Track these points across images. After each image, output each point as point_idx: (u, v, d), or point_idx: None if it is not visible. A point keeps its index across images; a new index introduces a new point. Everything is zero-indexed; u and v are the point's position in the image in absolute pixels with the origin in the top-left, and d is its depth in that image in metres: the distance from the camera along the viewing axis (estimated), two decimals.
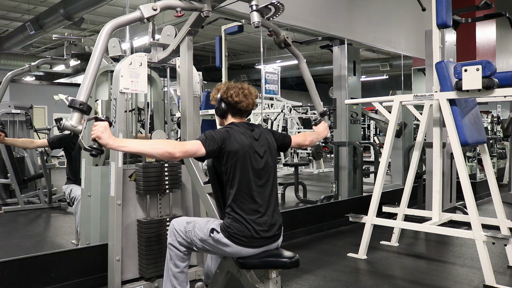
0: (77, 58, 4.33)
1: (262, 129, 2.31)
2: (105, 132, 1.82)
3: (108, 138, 1.82)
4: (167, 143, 1.97)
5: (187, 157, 2.08)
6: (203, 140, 2.04)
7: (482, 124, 3.65)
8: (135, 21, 2.13)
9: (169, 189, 2.90)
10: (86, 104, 1.89)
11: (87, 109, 1.89)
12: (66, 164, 4.05)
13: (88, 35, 11.02)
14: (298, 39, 6.16)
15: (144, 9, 2.11)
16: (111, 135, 1.84)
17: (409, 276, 3.29)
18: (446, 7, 3.41)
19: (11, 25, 11.19)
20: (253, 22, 2.36)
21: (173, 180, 2.93)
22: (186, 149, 1.97)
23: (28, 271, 2.63)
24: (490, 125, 10.33)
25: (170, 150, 1.91)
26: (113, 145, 1.85)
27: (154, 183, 2.83)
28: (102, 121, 1.83)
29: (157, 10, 2.13)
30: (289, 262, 2.09)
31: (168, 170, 2.90)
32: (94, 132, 1.82)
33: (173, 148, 1.92)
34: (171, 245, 2.29)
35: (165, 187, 2.88)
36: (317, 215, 4.57)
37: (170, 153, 1.91)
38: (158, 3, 2.17)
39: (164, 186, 2.88)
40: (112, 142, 1.84)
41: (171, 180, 2.91)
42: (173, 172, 2.93)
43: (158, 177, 2.86)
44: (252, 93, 2.27)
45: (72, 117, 1.87)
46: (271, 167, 2.26)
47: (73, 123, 1.87)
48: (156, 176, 2.85)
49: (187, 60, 2.65)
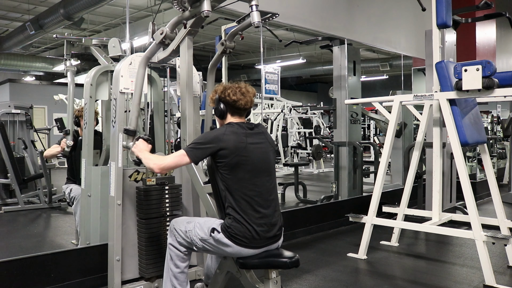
0: (77, 58, 4.32)
1: (263, 129, 2.31)
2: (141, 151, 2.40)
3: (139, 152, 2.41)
4: (154, 159, 2.28)
5: (168, 170, 2.36)
6: (187, 150, 2.17)
7: (482, 124, 3.65)
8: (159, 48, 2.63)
9: (170, 211, 2.89)
10: (135, 130, 2.61)
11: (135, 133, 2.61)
12: (66, 164, 4.05)
13: (88, 35, 11.03)
14: (298, 39, 6.16)
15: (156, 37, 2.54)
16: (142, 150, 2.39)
17: (409, 276, 3.29)
18: (446, 7, 3.41)
19: (11, 25, 11.19)
20: (253, 22, 2.36)
21: (174, 203, 2.91)
22: (163, 165, 2.20)
23: (28, 271, 2.62)
24: (490, 125, 10.32)
25: (151, 165, 2.24)
26: (140, 157, 2.40)
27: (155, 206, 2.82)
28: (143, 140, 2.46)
29: (163, 33, 2.52)
30: (289, 262, 2.10)
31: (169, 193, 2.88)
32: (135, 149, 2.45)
33: (153, 163, 2.22)
34: (171, 245, 2.29)
35: (165, 210, 2.86)
36: (317, 215, 4.57)
37: (151, 169, 2.25)
38: (164, 27, 2.52)
39: (165, 209, 2.86)
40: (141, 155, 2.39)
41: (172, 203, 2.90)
42: (173, 194, 2.91)
43: (159, 199, 2.83)
44: (249, 91, 2.27)
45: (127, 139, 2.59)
46: (271, 167, 2.26)
47: (128, 144, 2.57)
48: (157, 199, 2.83)
49: (187, 60, 2.65)
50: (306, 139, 11.54)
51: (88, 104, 3.32)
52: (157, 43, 2.55)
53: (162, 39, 2.53)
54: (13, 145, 6.24)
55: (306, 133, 11.73)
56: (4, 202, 5.95)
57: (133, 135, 2.58)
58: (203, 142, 2.16)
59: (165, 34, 2.52)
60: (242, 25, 2.70)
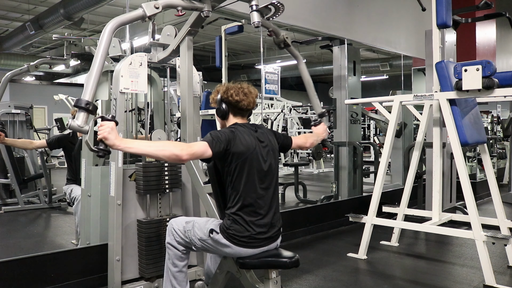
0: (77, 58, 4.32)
1: (265, 130, 2.31)
2: (112, 132, 1.77)
3: (115, 139, 1.78)
4: (174, 145, 1.93)
5: (194, 159, 2.03)
6: (209, 141, 2.00)
7: (482, 124, 3.65)
8: (137, 19, 2.12)
9: (169, 188, 2.90)
10: (92, 103, 1.83)
11: (93, 108, 1.83)
12: (66, 164, 4.06)
13: (88, 35, 11.02)
14: (298, 39, 6.16)
15: (146, 7, 2.11)
16: (118, 136, 1.80)
17: (409, 276, 3.29)
18: (446, 7, 3.41)
19: (11, 25, 11.19)
20: (253, 22, 2.36)
21: (173, 179, 2.93)
22: (193, 151, 1.93)
23: (28, 271, 2.62)
24: (490, 125, 10.32)
25: (177, 152, 1.87)
26: (120, 146, 1.80)
27: (154, 183, 2.83)
28: (108, 120, 1.78)
29: (159, 8, 2.13)
30: (289, 262, 2.09)
31: (168, 169, 2.90)
32: (101, 132, 1.77)
33: (180, 150, 1.89)
34: (170, 245, 2.29)
35: (165, 187, 2.88)
36: (317, 215, 4.57)
37: (177, 155, 1.87)
38: (160, 2, 2.16)
39: (164, 185, 2.88)
40: (119, 143, 1.79)
41: (171, 179, 2.91)
42: (173, 171, 2.93)
43: (158, 176, 2.86)
44: (252, 92, 2.26)
45: (78, 117, 1.81)
46: (274, 169, 2.25)
47: (79, 123, 1.80)
48: (156, 176, 2.85)
49: (187, 60, 2.65)
50: None
51: None
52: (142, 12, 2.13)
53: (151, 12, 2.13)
54: None
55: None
56: (4, 202, 5.94)
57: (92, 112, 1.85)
58: (222, 139, 2.05)
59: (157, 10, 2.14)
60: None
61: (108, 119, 1.79)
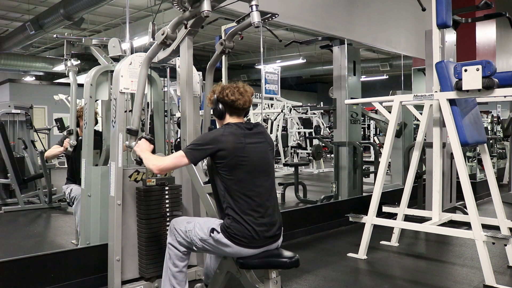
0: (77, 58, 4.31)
1: (262, 129, 2.31)
2: (138, 147, 2.48)
3: (140, 152, 2.45)
4: (154, 159, 2.29)
5: (165, 172, 2.32)
6: (186, 151, 2.17)
7: (482, 124, 3.65)
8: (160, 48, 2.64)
9: (170, 212, 2.89)
10: (138, 130, 2.65)
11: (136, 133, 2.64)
12: (66, 164, 4.05)
13: (88, 35, 11.03)
14: (298, 39, 6.16)
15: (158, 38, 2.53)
16: (143, 150, 2.42)
17: (409, 276, 3.29)
18: (446, 7, 3.41)
19: (11, 25, 11.19)
20: (253, 22, 2.36)
21: (174, 203, 2.91)
22: (162, 166, 2.20)
23: (28, 271, 2.62)
24: (490, 125, 10.31)
25: (150, 166, 2.25)
26: (141, 156, 2.43)
27: (155, 207, 2.81)
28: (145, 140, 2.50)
29: (164, 34, 2.50)
30: (289, 262, 2.10)
31: (169, 193, 2.88)
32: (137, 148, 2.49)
33: (152, 165, 2.23)
34: (171, 245, 2.29)
35: (165, 211, 2.86)
36: (317, 215, 4.57)
37: (151, 169, 2.26)
38: (165, 28, 2.51)
39: (165, 210, 2.86)
40: (143, 155, 2.41)
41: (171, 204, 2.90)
42: (173, 195, 2.91)
43: (159, 200, 2.83)
44: (247, 91, 2.27)
45: (130, 139, 2.63)
46: (270, 167, 2.26)
47: (131, 144, 2.61)
48: (157, 200, 2.82)
49: (187, 60, 2.65)
50: (306, 139, 11.54)
51: (88, 104, 3.32)
52: (159, 43, 2.55)
53: (163, 40, 2.53)
54: (13, 145, 6.24)
55: (306, 133, 11.73)
56: (4, 202, 5.95)
57: (136, 135, 2.63)
58: (202, 143, 2.16)
59: (167, 35, 2.51)
60: (242, 25, 2.70)
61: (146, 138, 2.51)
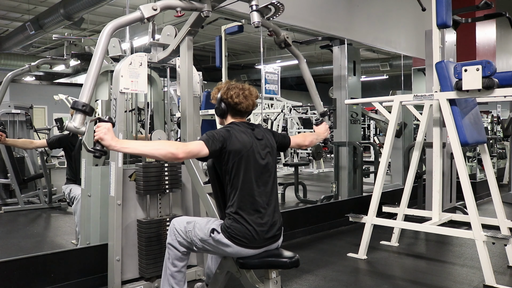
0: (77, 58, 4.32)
1: (262, 129, 2.32)
2: (108, 133, 1.81)
3: (111, 140, 1.81)
4: (170, 144, 1.96)
5: (190, 157, 2.06)
6: (205, 140, 2.03)
7: (482, 124, 3.65)
8: (136, 21, 2.12)
9: (169, 188, 2.90)
10: (88, 105, 1.86)
11: (90, 110, 1.86)
12: (66, 164, 4.06)
13: (88, 35, 11.02)
14: (298, 39, 6.16)
15: (144, 9, 2.11)
16: (114, 137, 1.84)
17: (409, 276, 3.29)
18: (446, 7, 3.41)
19: (11, 25, 11.18)
20: (253, 22, 2.36)
21: (173, 179, 2.93)
22: (189, 149, 1.96)
23: (28, 271, 2.62)
24: (490, 125, 10.32)
25: (173, 151, 1.90)
26: (116, 147, 1.83)
27: (154, 183, 2.83)
28: (105, 122, 1.83)
29: (157, 10, 2.13)
30: (289, 262, 2.09)
31: (168, 170, 2.90)
32: (97, 133, 1.81)
33: (175, 149, 1.91)
34: (171, 245, 2.29)
35: (165, 187, 2.88)
36: (317, 215, 4.57)
37: (173, 154, 1.90)
38: (158, 3, 2.16)
39: (164, 185, 2.88)
40: (115, 144, 1.83)
41: (171, 179, 2.91)
42: (173, 172, 2.93)
43: (158, 177, 2.85)
44: (252, 94, 2.27)
45: (74, 119, 1.83)
46: (272, 167, 2.26)
47: (76, 125, 1.83)
48: (156, 176, 2.85)
49: (187, 60, 2.65)
50: None
51: None
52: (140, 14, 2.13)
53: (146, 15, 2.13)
54: None
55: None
56: (4, 202, 5.94)
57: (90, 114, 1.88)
58: (217, 137, 2.08)
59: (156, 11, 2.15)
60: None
61: (104, 120, 1.84)
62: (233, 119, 2.27)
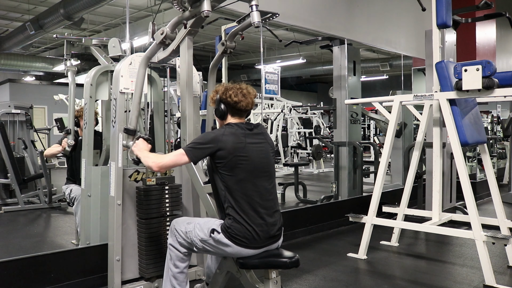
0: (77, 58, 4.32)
1: (262, 129, 2.31)
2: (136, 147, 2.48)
3: (137, 151, 2.43)
4: (154, 157, 2.29)
5: (165, 169, 2.34)
6: (186, 150, 2.17)
7: (482, 124, 3.65)
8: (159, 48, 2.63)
9: (170, 211, 2.89)
10: (135, 130, 2.63)
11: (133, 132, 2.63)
12: (66, 164, 4.05)
13: (88, 35, 11.02)
14: (298, 39, 6.17)
15: (157, 37, 2.54)
16: (141, 150, 2.41)
17: (409, 276, 3.29)
18: (446, 7, 3.41)
19: (11, 25, 11.19)
20: (253, 22, 2.36)
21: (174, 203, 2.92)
22: (161, 163, 2.20)
23: (28, 271, 2.62)
24: (490, 125, 10.32)
25: (149, 164, 2.24)
26: (140, 157, 2.41)
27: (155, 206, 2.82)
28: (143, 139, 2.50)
29: (163, 33, 2.51)
30: (289, 262, 2.10)
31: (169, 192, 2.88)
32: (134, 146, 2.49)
33: (151, 162, 2.22)
34: (172, 246, 2.29)
35: (165, 210, 2.87)
36: (317, 215, 4.57)
37: (149, 167, 2.25)
38: (164, 28, 2.52)
39: (165, 209, 2.86)
40: (141, 155, 2.39)
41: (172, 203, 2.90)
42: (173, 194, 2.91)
43: (159, 199, 2.83)
44: (250, 93, 2.28)
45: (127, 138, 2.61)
46: (270, 167, 2.26)
47: (128, 144, 2.59)
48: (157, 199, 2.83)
49: (187, 60, 2.65)
50: (306, 139, 11.54)
51: (88, 104, 3.32)
52: (158, 43, 2.56)
53: (162, 39, 2.53)
54: (13, 145, 6.23)
55: (306, 133, 11.73)
56: (4, 202, 5.94)
57: (133, 134, 2.61)
58: (202, 142, 2.16)
59: (166, 34, 2.52)
60: (242, 25, 2.70)
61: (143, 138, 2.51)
62: (233, 119, 2.28)
